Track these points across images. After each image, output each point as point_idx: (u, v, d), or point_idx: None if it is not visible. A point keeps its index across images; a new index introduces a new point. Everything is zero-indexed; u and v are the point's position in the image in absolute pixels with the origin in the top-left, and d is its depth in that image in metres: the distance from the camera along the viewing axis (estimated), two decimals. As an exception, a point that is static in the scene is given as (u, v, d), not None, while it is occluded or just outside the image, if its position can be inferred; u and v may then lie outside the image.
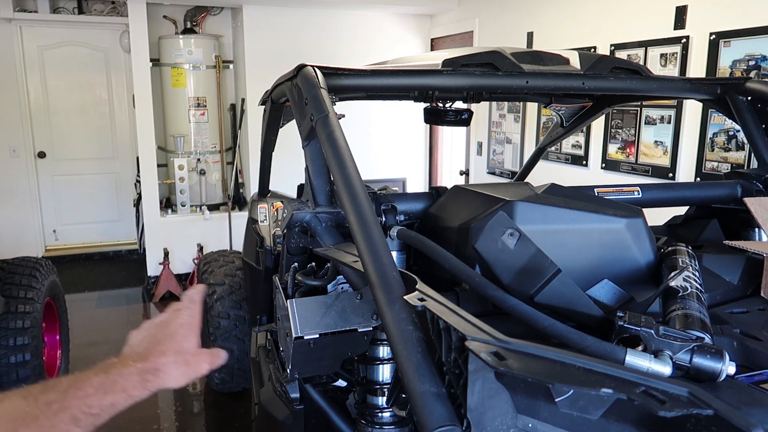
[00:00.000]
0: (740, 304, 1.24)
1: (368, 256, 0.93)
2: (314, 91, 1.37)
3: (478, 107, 4.76)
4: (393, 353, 0.82)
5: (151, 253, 5.22)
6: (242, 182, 5.73)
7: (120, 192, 6.23)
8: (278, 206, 2.31)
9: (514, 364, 0.68)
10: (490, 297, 1.00)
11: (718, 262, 1.36)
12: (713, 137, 2.94)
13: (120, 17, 5.64)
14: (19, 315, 2.85)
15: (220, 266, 3.29)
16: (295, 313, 1.29)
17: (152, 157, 5.10)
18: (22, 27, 5.60)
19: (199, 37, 5.32)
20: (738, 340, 1.06)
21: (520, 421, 0.69)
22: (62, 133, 5.94)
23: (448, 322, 0.77)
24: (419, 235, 1.23)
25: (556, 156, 4.07)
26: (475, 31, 4.90)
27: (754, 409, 0.81)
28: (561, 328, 0.88)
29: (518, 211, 1.24)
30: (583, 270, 1.23)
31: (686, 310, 1.03)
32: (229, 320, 3.13)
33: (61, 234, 6.13)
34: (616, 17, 3.50)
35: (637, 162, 3.41)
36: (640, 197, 1.69)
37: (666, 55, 3.15)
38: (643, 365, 0.82)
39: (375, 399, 1.37)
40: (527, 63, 1.74)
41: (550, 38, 4.07)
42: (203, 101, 5.33)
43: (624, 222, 1.28)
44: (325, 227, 1.41)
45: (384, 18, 5.56)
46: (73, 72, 5.87)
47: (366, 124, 5.40)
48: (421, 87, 1.89)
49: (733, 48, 2.80)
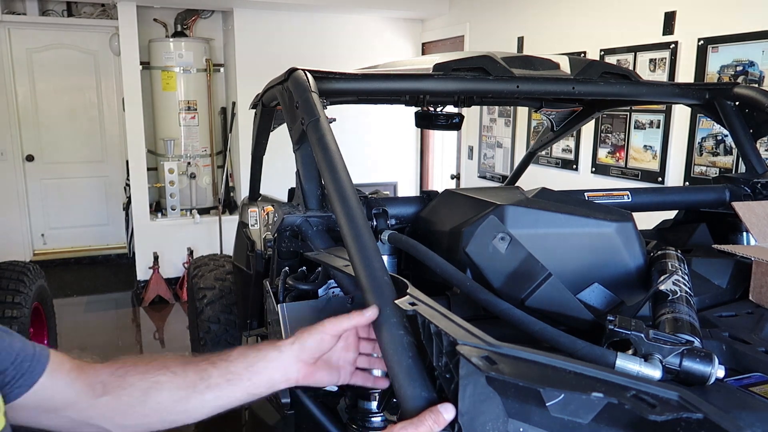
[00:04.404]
0: (729, 308, 1.25)
1: (359, 260, 0.93)
2: (305, 95, 1.37)
3: (469, 111, 4.78)
4: (384, 357, 0.81)
5: (141, 257, 5.19)
6: (233, 186, 5.71)
7: (109, 195, 6.19)
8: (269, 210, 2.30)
9: (505, 369, 0.68)
10: (481, 301, 1.00)
11: (707, 266, 1.37)
12: (702, 142, 2.96)
13: (110, 20, 5.61)
14: (6, 320, 2.82)
15: (210, 270, 3.27)
16: (286, 318, 1.28)
17: (142, 161, 5.07)
18: (10, 29, 5.56)
19: (189, 41, 5.30)
20: (727, 343, 1.06)
21: (511, 425, 0.69)
22: (51, 136, 5.90)
23: (439, 327, 0.77)
24: (410, 239, 1.23)
25: (547, 160, 4.09)
26: (466, 35, 4.92)
27: (743, 412, 0.82)
28: (552, 332, 0.88)
29: (509, 215, 1.24)
30: (574, 274, 1.23)
31: (676, 313, 1.04)
32: (219, 324, 3.11)
33: (49, 238, 6.08)
34: (606, 23, 3.52)
35: (627, 166, 3.43)
36: (629, 201, 1.69)
37: (655, 60, 3.18)
38: (633, 369, 0.83)
39: (366, 404, 1.36)
40: (518, 67, 1.75)
41: (540, 43, 4.09)
42: (194, 104, 5.31)
43: (614, 226, 1.29)
44: (316, 231, 1.41)
45: (375, 22, 5.56)
46: (62, 75, 5.83)
47: (357, 128, 5.39)
48: (412, 91, 1.89)
49: (721, 53, 2.83)
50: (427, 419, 0.70)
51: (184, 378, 0.87)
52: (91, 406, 0.86)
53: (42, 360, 0.83)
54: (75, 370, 0.87)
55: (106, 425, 0.87)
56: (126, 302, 5.27)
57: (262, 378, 0.87)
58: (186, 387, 0.86)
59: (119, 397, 0.86)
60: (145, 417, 0.87)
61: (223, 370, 0.87)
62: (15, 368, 0.79)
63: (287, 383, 0.90)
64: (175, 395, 0.86)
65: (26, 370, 0.80)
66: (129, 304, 5.22)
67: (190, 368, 0.88)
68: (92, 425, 0.87)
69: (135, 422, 0.87)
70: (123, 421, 0.87)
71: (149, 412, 0.87)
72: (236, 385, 0.87)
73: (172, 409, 0.87)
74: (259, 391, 0.88)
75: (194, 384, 0.87)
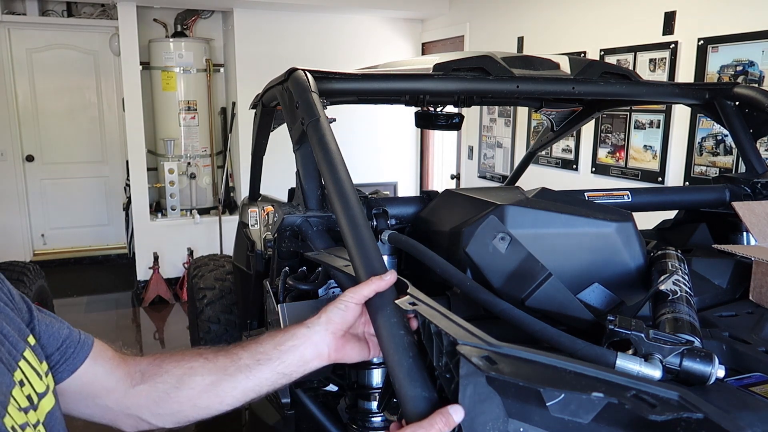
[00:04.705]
0: (729, 308, 1.25)
1: (359, 260, 0.93)
2: (305, 95, 1.37)
3: (469, 111, 4.78)
4: (384, 357, 0.81)
5: (141, 257, 5.18)
6: (233, 186, 5.71)
7: (109, 196, 6.18)
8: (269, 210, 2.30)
9: (505, 369, 0.68)
10: (481, 301, 1.00)
11: (707, 266, 1.37)
12: (702, 142, 2.96)
13: (110, 20, 5.61)
14: (7, 320, 2.81)
15: (210, 270, 3.27)
16: (286, 318, 1.28)
17: (142, 161, 5.06)
18: (10, 30, 5.56)
19: (189, 41, 5.30)
20: (727, 343, 1.06)
21: (511, 425, 0.69)
22: (51, 136, 5.89)
23: (440, 327, 0.77)
24: (410, 239, 1.22)
25: (547, 160, 4.09)
26: (466, 35, 4.92)
27: (743, 412, 0.82)
28: (552, 332, 0.88)
29: (509, 215, 1.24)
30: (574, 274, 1.23)
31: (676, 313, 1.04)
32: (220, 324, 3.11)
33: (49, 238, 6.08)
34: (606, 23, 3.52)
35: (627, 166, 3.43)
36: (630, 201, 1.69)
37: (655, 60, 3.18)
38: (633, 369, 0.83)
39: (366, 404, 1.36)
40: (518, 67, 1.75)
41: (540, 43, 4.09)
42: (194, 105, 5.31)
43: (614, 226, 1.29)
44: (316, 231, 1.41)
45: (375, 22, 5.56)
46: (62, 75, 5.83)
47: (357, 128, 5.40)
48: (412, 91, 1.89)
49: (721, 53, 2.83)
50: (437, 421, 0.70)
51: (215, 362, 0.89)
52: (129, 394, 0.88)
53: (86, 347, 0.86)
54: (116, 358, 0.90)
55: (141, 414, 0.89)
56: (126, 302, 5.26)
57: (292, 357, 0.88)
58: (217, 371, 0.88)
59: (155, 385, 0.88)
60: (179, 405, 0.88)
61: (253, 352, 0.89)
62: (60, 353, 0.83)
63: (319, 359, 0.90)
64: (207, 379, 0.88)
65: (70, 356, 0.84)
66: (129, 304, 5.22)
67: (221, 354, 0.90)
68: (129, 415, 0.89)
69: (169, 410, 0.89)
70: (157, 410, 0.89)
71: (183, 400, 0.88)
72: (266, 365, 0.88)
73: (204, 395, 0.88)
74: (290, 371, 0.88)
75: (225, 367, 0.88)
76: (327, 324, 0.89)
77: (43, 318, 0.83)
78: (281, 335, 0.90)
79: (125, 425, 0.90)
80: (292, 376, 0.89)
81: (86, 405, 0.88)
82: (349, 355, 0.91)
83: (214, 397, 0.88)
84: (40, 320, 0.82)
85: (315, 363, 0.90)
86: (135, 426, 0.90)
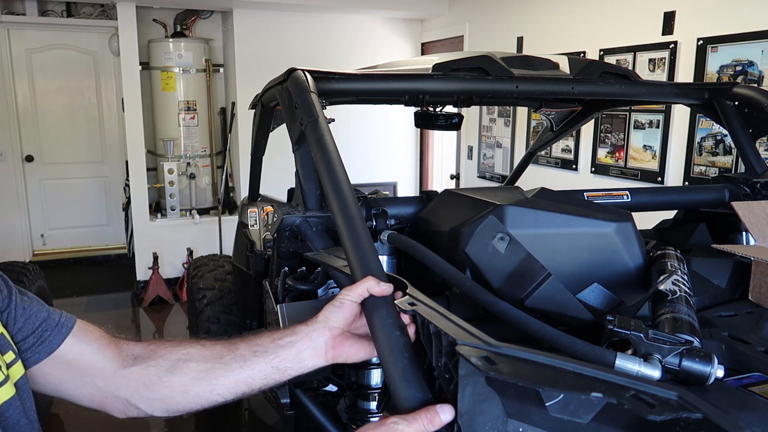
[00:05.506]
0: (728, 308, 1.25)
1: (356, 260, 0.93)
2: (304, 95, 1.37)
3: (469, 111, 4.78)
4: (380, 358, 0.81)
5: (141, 257, 5.18)
6: (232, 186, 5.71)
7: (109, 196, 6.19)
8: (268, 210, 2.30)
9: (505, 369, 0.68)
10: (480, 301, 0.99)
11: (707, 266, 1.37)
12: (701, 142, 2.96)
13: (109, 20, 5.61)
14: (6, 320, 2.81)
15: (209, 270, 3.27)
16: (285, 318, 1.28)
17: (142, 161, 5.07)
18: (9, 30, 5.56)
19: (189, 41, 5.30)
20: (726, 343, 1.06)
21: (510, 425, 0.68)
22: (50, 136, 5.89)
23: (439, 327, 0.77)
24: (410, 239, 1.22)
25: (546, 160, 4.09)
26: (466, 35, 4.92)
27: (742, 412, 0.82)
28: (551, 332, 0.88)
29: (508, 215, 1.24)
30: (573, 274, 1.23)
31: (675, 313, 1.04)
32: (219, 325, 3.11)
33: (48, 238, 6.08)
34: (605, 23, 3.52)
35: (626, 166, 3.43)
36: (629, 201, 1.69)
37: (654, 60, 3.18)
38: (632, 369, 0.82)
39: (366, 404, 1.36)
40: (517, 68, 1.75)
41: (539, 43, 4.09)
42: (193, 105, 5.31)
43: (613, 226, 1.29)
44: (316, 231, 1.41)
45: (375, 22, 5.56)
46: (62, 75, 5.83)
47: (357, 128, 5.40)
48: (412, 91, 1.89)
49: (721, 53, 2.83)
50: (421, 417, 0.70)
51: (212, 350, 0.90)
52: (119, 375, 0.88)
53: (64, 329, 0.87)
54: (105, 338, 0.91)
55: (130, 398, 0.89)
56: (126, 302, 5.26)
57: (289, 352, 0.88)
58: (213, 358, 0.89)
59: (147, 368, 0.88)
60: (170, 390, 0.88)
61: (250, 343, 0.89)
62: (36, 336, 0.84)
63: (317, 357, 0.89)
64: (201, 366, 0.88)
65: (47, 338, 0.85)
66: (129, 304, 5.22)
67: (219, 343, 0.91)
68: (118, 397, 0.89)
69: (159, 395, 0.89)
70: (147, 394, 0.88)
71: (175, 385, 0.88)
72: (262, 357, 0.88)
73: (196, 382, 0.88)
74: (285, 366, 0.88)
75: (221, 355, 0.89)
76: (325, 322, 0.89)
77: (22, 301, 0.85)
78: (281, 330, 0.91)
79: (114, 409, 0.90)
80: (287, 372, 0.89)
81: (75, 385, 0.88)
82: (350, 354, 0.91)
83: (205, 385, 0.88)
84: (18, 304, 0.84)
85: (312, 361, 0.89)
86: (123, 411, 0.90)
